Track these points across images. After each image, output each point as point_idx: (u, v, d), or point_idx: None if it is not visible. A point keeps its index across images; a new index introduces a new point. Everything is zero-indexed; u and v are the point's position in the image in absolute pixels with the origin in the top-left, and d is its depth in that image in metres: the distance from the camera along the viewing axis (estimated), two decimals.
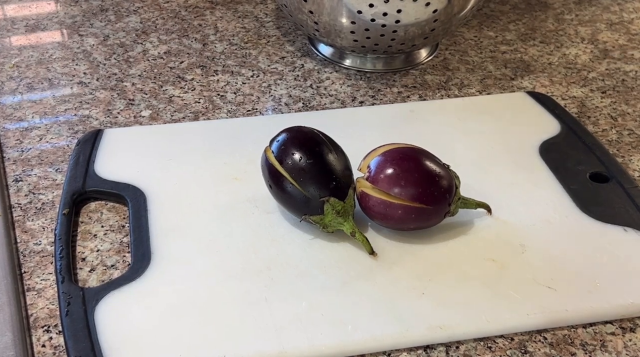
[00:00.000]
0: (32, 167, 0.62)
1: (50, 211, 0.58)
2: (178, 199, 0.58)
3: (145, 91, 0.73)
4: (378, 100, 0.73)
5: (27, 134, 0.66)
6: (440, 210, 0.52)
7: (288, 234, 0.55)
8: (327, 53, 0.79)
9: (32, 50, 0.79)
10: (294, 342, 0.46)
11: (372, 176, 0.52)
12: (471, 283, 0.51)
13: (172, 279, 0.51)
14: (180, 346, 0.46)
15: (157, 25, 0.85)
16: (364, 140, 0.56)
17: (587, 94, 0.76)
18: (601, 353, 0.48)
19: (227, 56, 0.79)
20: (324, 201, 0.51)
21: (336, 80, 0.76)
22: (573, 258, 0.53)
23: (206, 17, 0.87)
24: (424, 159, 0.52)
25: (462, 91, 0.75)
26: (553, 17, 0.91)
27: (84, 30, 0.84)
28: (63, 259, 0.52)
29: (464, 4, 0.70)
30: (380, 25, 0.69)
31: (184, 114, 0.70)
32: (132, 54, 0.79)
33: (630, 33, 0.88)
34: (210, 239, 0.54)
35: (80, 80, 0.75)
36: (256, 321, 0.48)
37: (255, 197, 0.57)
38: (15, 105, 0.70)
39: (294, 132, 0.54)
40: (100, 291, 0.50)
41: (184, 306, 0.49)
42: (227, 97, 0.72)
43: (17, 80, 0.74)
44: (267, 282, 0.51)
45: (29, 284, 0.52)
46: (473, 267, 0.52)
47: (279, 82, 0.75)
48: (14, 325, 0.48)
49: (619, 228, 0.56)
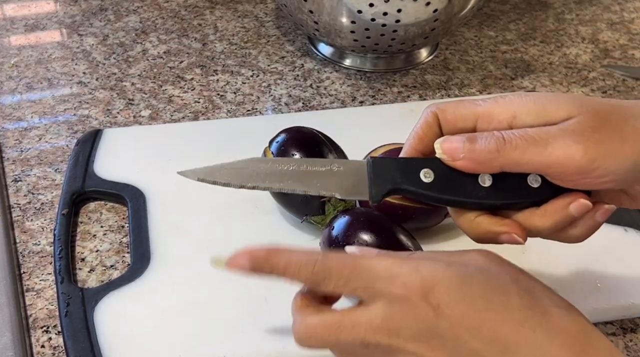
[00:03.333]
0: (31, 167, 0.62)
1: (50, 211, 0.58)
2: (178, 199, 0.57)
3: (145, 91, 0.73)
4: (378, 100, 0.73)
5: (26, 134, 0.66)
6: (441, 210, 0.52)
7: (288, 234, 0.55)
8: (327, 53, 0.79)
9: (31, 50, 0.79)
10: (294, 342, 0.46)
11: None
12: None
13: (171, 279, 0.51)
14: (180, 346, 0.46)
15: (156, 24, 0.85)
16: (364, 140, 0.56)
17: (588, 93, 0.75)
18: None
19: (227, 56, 0.79)
20: (325, 201, 0.51)
21: (336, 80, 0.76)
22: (573, 258, 0.53)
23: (206, 16, 0.87)
24: None
25: (463, 91, 0.75)
26: (553, 16, 0.91)
27: (83, 30, 0.83)
28: (62, 259, 0.52)
29: (464, 4, 0.70)
30: (380, 24, 0.69)
31: (183, 114, 0.70)
32: (132, 53, 0.79)
33: (630, 33, 0.88)
34: (210, 240, 0.54)
35: (80, 80, 0.74)
36: (256, 321, 0.48)
37: (255, 197, 0.57)
38: (15, 105, 0.70)
39: (294, 133, 0.54)
40: (100, 292, 0.49)
41: (183, 306, 0.49)
42: (227, 97, 0.72)
43: (16, 80, 0.74)
44: (267, 282, 0.51)
45: (28, 284, 0.52)
46: None
47: (278, 82, 0.75)
48: (13, 325, 0.48)
49: (619, 228, 0.55)
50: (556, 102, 0.37)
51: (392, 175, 0.39)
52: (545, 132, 0.36)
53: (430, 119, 0.40)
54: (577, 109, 0.36)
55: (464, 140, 0.38)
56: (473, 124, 0.39)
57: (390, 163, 0.39)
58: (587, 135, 0.35)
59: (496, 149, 0.36)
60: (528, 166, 0.37)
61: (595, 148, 0.35)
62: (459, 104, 0.40)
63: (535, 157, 0.36)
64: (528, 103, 0.38)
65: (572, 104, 0.37)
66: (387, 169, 0.39)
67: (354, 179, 0.40)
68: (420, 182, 0.38)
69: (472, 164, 0.37)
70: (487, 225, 0.39)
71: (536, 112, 0.37)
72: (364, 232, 0.47)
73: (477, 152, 0.37)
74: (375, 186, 0.39)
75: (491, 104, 0.39)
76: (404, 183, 0.39)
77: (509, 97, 0.39)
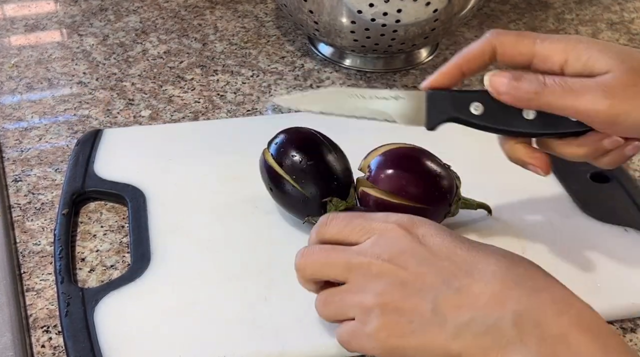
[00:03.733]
0: (31, 167, 0.62)
1: (50, 211, 0.58)
2: (178, 199, 0.58)
3: (145, 91, 0.73)
4: None
5: (26, 134, 0.66)
6: (441, 210, 0.52)
7: (288, 234, 0.55)
8: (327, 53, 0.79)
9: (31, 50, 0.79)
10: (294, 342, 0.46)
11: (373, 176, 0.52)
12: None
13: (171, 279, 0.51)
14: (180, 346, 0.46)
15: (156, 25, 0.85)
16: (363, 141, 0.56)
17: None
18: None
19: (227, 56, 0.79)
20: (326, 202, 0.51)
21: (336, 80, 0.76)
22: (573, 258, 0.53)
23: (206, 16, 0.87)
24: (424, 159, 0.52)
25: None
26: (553, 16, 0.91)
27: (83, 30, 0.83)
28: (62, 259, 0.52)
29: (465, 4, 0.70)
30: (380, 24, 0.69)
31: (183, 114, 0.70)
32: (132, 53, 0.79)
33: (630, 33, 0.87)
34: (210, 240, 0.54)
35: (80, 80, 0.75)
36: (256, 321, 0.48)
37: (255, 197, 0.57)
38: (15, 105, 0.70)
39: (293, 134, 0.54)
40: (100, 292, 0.49)
41: (183, 306, 0.49)
42: (227, 97, 0.72)
43: (16, 80, 0.74)
44: (267, 282, 0.51)
45: (29, 284, 0.52)
46: None
47: (279, 82, 0.75)
48: (13, 325, 0.48)
49: (619, 228, 0.55)
50: (602, 54, 0.41)
51: (446, 107, 0.45)
52: (581, 83, 0.40)
53: (487, 48, 0.44)
54: (617, 65, 0.40)
55: (511, 78, 0.42)
56: (529, 60, 0.43)
57: (445, 96, 0.45)
58: (617, 92, 0.39)
59: (535, 91, 0.41)
60: (561, 111, 0.41)
61: (621, 104, 0.39)
62: (519, 38, 0.44)
63: (568, 104, 0.40)
64: (580, 50, 0.41)
65: (615, 58, 0.40)
66: (442, 101, 0.45)
67: (413, 108, 0.46)
68: (471, 114, 0.44)
69: (513, 100, 0.42)
70: (522, 154, 0.45)
71: (585, 61, 0.41)
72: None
73: (520, 90, 0.42)
74: (431, 115, 0.45)
75: (548, 45, 0.43)
76: (456, 113, 0.45)
77: (565, 39, 0.43)
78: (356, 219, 0.42)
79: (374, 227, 0.40)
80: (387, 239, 0.39)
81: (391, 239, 0.39)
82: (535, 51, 0.43)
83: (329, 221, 0.42)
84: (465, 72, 0.45)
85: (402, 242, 0.39)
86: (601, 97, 0.40)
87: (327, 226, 0.42)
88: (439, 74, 0.46)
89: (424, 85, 0.46)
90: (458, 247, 0.39)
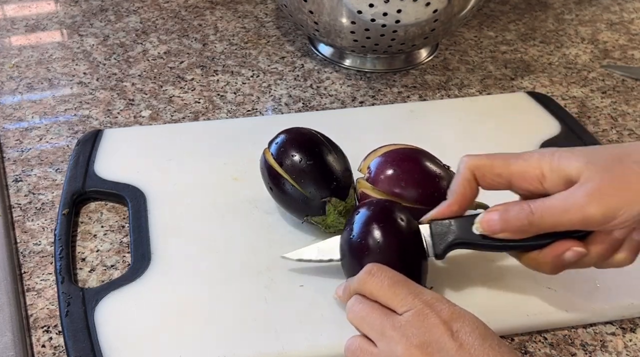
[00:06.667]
0: (32, 168, 0.62)
1: (50, 211, 0.58)
2: (178, 199, 0.58)
3: (145, 91, 0.73)
4: (378, 100, 0.73)
5: (27, 134, 0.66)
6: None
7: (288, 234, 0.55)
8: (327, 53, 0.79)
9: (32, 50, 0.79)
10: (294, 342, 0.46)
11: (373, 177, 0.52)
12: (471, 284, 0.51)
13: (172, 279, 0.51)
14: (180, 346, 0.46)
15: (157, 25, 0.85)
16: (363, 141, 0.56)
17: (587, 94, 0.76)
18: (601, 353, 0.48)
19: (227, 56, 0.79)
20: (326, 202, 0.51)
21: (336, 80, 0.76)
22: None
23: (206, 17, 0.87)
24: (424, 160, 0.52)
25: (462, 91, 0.75)
26: (553, 17, 0.91)
27: (83, 30, 0.84)
28: (63, 259, 0.52)
29: (464, 4, 0.70)
30: (380, 25, 0.69)
31: (184, 114, 0.70)
32: (132, 54, 0.79)
33: (630, 33, 0.88)
34: (210, 240, 0.54)
35: (80, 80, 0.75)
36: (256, 321, 0.48)
37: (255, 197, 0.57)
38: (15, 106, 0.70)
39: (293, 134, 0.54)
40: (100, 291, 0.49)
41: (183, 306, 0.49)
42: (227, 97, 0.72)
43: (17, 80, 0.74)
44: (267, 282, 0.51)
45: (29, 284, 0.52)
46: (473, 268, 0.52)
47: (279, 82, 0.75)
48: (13, 325, 0.48)
49: None
50: (569, 159, 0.42)
51: (449, 233, 0.46)
52: (564, 197, 0.42)
53: (469, 176, 0.45)
54: (585, 167, 0.42)
55: (499, 213, 0.44)
56: (508, 181, 0.45)
57: (447, 224, 0.46)
58: (598, 196, 0.41)
59: (527, 220, 0.43)
60: (557, 228, 0.43)
61: (607, 205, 0.41)
62: (493, 161, 0.45)
63: (561, 222, 0.42)
64: (551, 161, 0.43)
65: (582, 160, 0.42)
66: (445, 228, 0.46)
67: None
68: (473, 235, 0.45)
69: (510, 235, 0.44)
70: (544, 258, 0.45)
71: (557, 168, 0.43)
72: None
73: (511, 223, 0.43)
74: (436, 243, 0.47)
75: (522, 163, 0.44)
76: (460, 238, 0.46)
77: (536, 154, 0.44)
78: (400, 287, 0.42)
79: (415, 304, 0.40)
80: (421, 323, 0.39)
81: (425, 326, 0.39)
82: (511, 171, 0.44)
83: (374, 272, 0.43)
84: (468, 205, 0.46)
85: (435, 333, 0.39)
86: (586, 205, 0.41)
87: (372, 277, 0.43)
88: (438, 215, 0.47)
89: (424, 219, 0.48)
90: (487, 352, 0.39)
